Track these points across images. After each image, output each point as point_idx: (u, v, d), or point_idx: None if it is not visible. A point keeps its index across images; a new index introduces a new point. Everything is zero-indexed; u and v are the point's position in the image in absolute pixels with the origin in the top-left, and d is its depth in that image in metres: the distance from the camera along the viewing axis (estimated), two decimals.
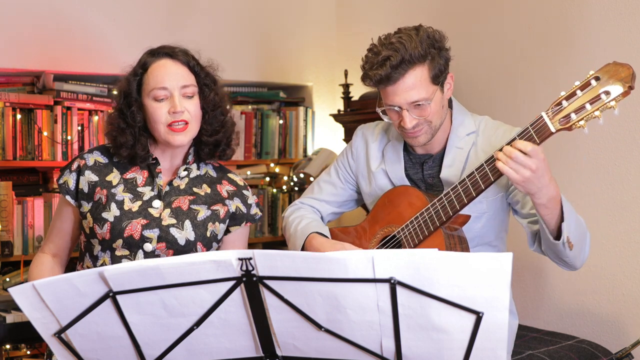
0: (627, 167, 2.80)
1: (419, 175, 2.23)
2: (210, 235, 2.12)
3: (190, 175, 2.18)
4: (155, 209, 2.09)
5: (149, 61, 2.12)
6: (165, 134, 2.07)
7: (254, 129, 3.91)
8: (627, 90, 1.78)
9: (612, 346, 2.77)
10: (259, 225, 3.95)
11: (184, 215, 2.10)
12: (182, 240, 2.07)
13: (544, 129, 1.87)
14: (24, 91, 3.29)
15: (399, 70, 2.04)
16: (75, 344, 1.52)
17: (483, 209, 2.14)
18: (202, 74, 2.14)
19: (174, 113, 2.05)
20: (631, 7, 2.78)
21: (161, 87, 2.06)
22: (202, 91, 2.13)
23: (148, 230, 2.06)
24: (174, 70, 2.10)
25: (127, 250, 2.06)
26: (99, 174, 2.13)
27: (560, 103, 1.85)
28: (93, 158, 2.15)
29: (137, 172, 2.14)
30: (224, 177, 2.23)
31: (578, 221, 2.00)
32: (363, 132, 2.38)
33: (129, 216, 2.07)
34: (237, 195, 2.20)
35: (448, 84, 2.15)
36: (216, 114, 2.16)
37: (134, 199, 2.10)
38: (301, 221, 2.32)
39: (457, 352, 1.44)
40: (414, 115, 2.08)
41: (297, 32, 4.01)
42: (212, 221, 2.13)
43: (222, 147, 2.19)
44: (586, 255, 2.06)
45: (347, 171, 2.39)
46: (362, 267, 1.37)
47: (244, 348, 1.53)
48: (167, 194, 2.12)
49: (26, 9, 3.25)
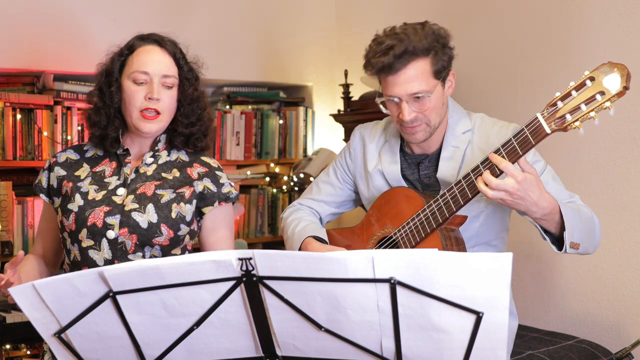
0: (627, 167, 2.80)
1: (415, 175, 2.23)
2: (177, 217, 2.07)
3: (159, 161, 2.16)
4: (119, 196, 2.08)
5: (136, 44, 2.12)
6: (137, 119, 2.07)
7: (254, 129, 3.91)
8: (622, 91, 1.78)
9: (612, 346, 2.77)
10: (259, 225, 3.95)
11: (147, 200, 2.08)
12: (144, 223, 2.04)
13: (539, 130, 1.86)
14: (24, 91, 3.28)
15: (401, 60, 2.04)
16: (75, 344, 1.52)
17: (481, 207, 2.14)
18: (185, 68, 2.14)
19: (149, 99, 2.05)
20: (631, 7, 2.78)
21: (143, 70, 2.07)
22: (182, 84, 2.13)
23: (110, 217, 2.04)
24: (159, 57, 2.10)
25: (92, 240, 2.04)
26: (68, 169, 2.15)
27: (556, 104, 1.85)
28: (65, 156, 2.18)
29: (106, 164, 2.15)
30: (196, 160, 2.19)
31: (582, 218, 2.00)
32: (361, 133, 2.37)
33: (92, 205, 2.06)
34: (207, 176, 2.16)
35: (449, 81, 2.14)
36: (193, 108, 2.15)
37: (99, 189, 2.10)
38: (299, 223, 2.31)
39: (457, 352, 1.44)
40: (414, 108, 2.07)
41: (297, 32, 4.01)
42: (177, 202, 2.09)
43: (196, 136, 2.17)
44: (598, 240, 2.08)
45: (345, 171, 2.39)
46: (362, 267, 1.37)
47: (244, 348, 1.53)
48: (133, 181, 2.11)
49: (26, 9, 3.25)
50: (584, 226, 1.99)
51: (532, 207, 1.89)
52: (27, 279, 1.95)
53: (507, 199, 1.87)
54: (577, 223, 1.96)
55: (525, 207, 1.89)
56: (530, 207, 1.88)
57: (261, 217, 3.96)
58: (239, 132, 3.85)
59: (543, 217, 1.92)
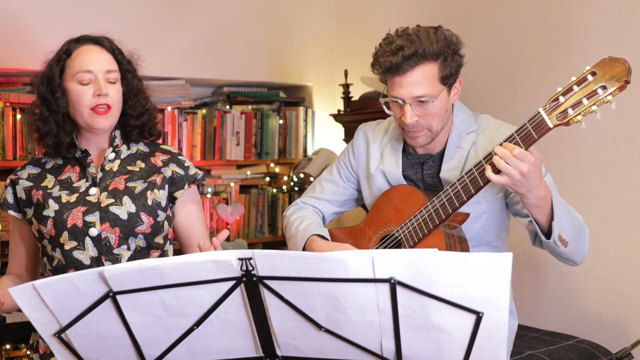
0: (627, 167, 2.80)
1: (418, 175, 2.23)
2: (153, 204, 2.12)
3: (121, 156, 2.19)
4: (92, 195, 2.11)
5: (72, 47, 2.15)
6: (89, 117, 2.09)
7: (254, 129, 3.91)
8: (623, 85, 1.79)
9: (612, 346, 2.77)
10: (259, 225, 3.95)
11: (121, 193, 2.11)
12: (123, 214, 2.08)
13: (542, 125, 1.87)
14: (24, 91, 3.28)
15: (409, 62, 2.03)
16: (75, 344, 1.52)
17: (482, 209, 2.14)
18: (124, 62, 2.18)
19: (98, 96, 2.08)
20: (631, 7, 2.78)
21: (87, 70, 2.09)
22: (125, 77, 2.17)
23: (89, 215, 2.07)
24: (99, 55, 2.13)
25: (75, 241, 2.07)
26: (34, 181, 2.16)
27: (557, 99, 1.86)
28: (26, 172, 2.18)
29: (69, 171, 2.17)
30: (157, 149, 2.25)
31: (573, 218, 2.01)
32: (364, 132, 2.37)
33: (68, 207, 2.08)
34: (172, 162, 2.21)
35: (456, 88, 2.14)
36: (139, 99, 2.19)
37: (70, 193, 2.12)
38: (302, 222, 2.32)
39: (457, 352, 1.44)
40: (417, 112, 2.07)
41: (297, 32, 4.01)
42: (151, 189, 2.14)
43: (148, 125, 2.22)
44: (586, 251, 2.07)
45: (348, 170, 2.39)
46: (362, 267, 1.37)
47: (244, 348, 1.53)
48: (102, 179, 2.14)
49: (26, 8, 3.25)
50: (573, 226, 2.00)
51: (533, 190, 1.89)
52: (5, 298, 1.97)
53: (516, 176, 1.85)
54: (567, 220, 1.97)
55: (526, 189, 1.89)
56: (531, 189, 1.89)
57: (261, 217, 3.96)
58: (239, 132, 3.85)
59: (537, 202, 1.92)
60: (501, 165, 1.86)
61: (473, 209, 2.10)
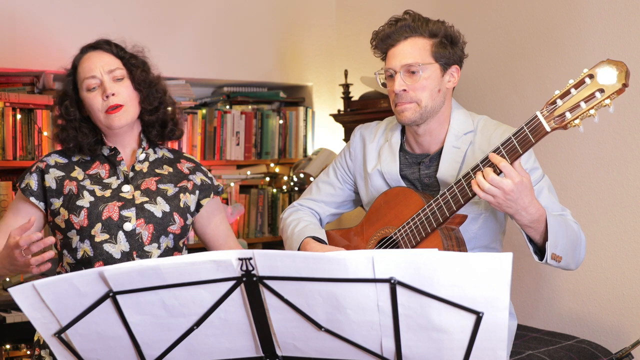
0: (627, 167, 2.80)
1: (415, 174, 2.22)
2: (184, 206, 2.19)
3: (150, 159, 2.25)
4: (126, 192, 2.16)
5: (77, 58, 2.22)
6: (105, 119, 2.14)
7: (254, 129, 3.91)
8: (621, 88, 1.77)
9: (612, 346, 2.77)
10: (259, 225, 3.95)
11: (154, 193, 2.17)
12: (158, 212, 2.14)
13: (539, 129, 1.86)
14: (24, 91, 3.29)
15: (403, 33, 2.12)
16: (75, 344, 1.52)
17: (480, 210, 2.14)
18: (126, 56, 2.21)
19: (106, 97, 2.12)
20: (631, 8, 2.78)
21: (90, 76, 2.15)
22: (131, 72, 2.19)
23: (125, 210, 2.12)
24: (99, 58, 2.17)
25: (107, 234, 2.09)
26: (63, 170, 2.18)
27: (555, 102, 1.85)
28: (53, 159, 2.21)
29: (98, 167, 2.21)
30: (181, 157, 2.32)
31: (568, 232, 2.00)
32: (361, 133, 2.37)
33: (103, 200, 2.12)
34: (198, 170, 2.29)
35: (451, 74, 2.16)
36: (152, 92, 2.22)
37: (103, 189, 2.16)
38: (298, 224, 2.32)
39: (457, 352, 1.44)
40: (406, 81, 2.11)
41: (297, 32, 4.01)
42: (183, 192, 2.21)
43: (169, 128, 2.26)
44: (581, 258, 2.08)
45: (345, 171, 2.39)
46: (362, 267, 1.37)
47: (244, 348, 1.53)
48: (133, 178, 2.19)
49: (26, 8, 3.25)
50: (568, 240, 2.00)
51: (522, 212, 1.90)
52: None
53: (500, 197, 1.87)
54: (562, 236, 1.97)
55: (514, 210, 1.90)
56: (519, 210, 1.90)
57: (261, 217, 3.96)
58: (239, 132, 3.85)
59: (530, 223, 1.93)
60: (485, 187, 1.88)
61: (471, 209, 2.11)
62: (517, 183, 1.86)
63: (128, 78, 2.17)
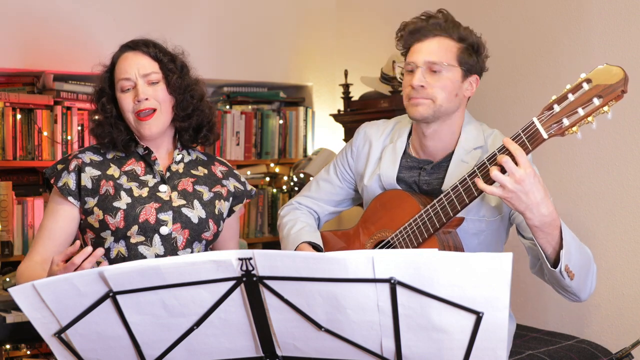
0: (627, 167, 2.79)
1: (413, 178, 2.20)
2: (218, 213, 2.20)
3: (184, 160, 2.25)
4: (163, 192, 2.15)
5: (115, 56, 2.19)
6: (135, 123, 2.14)
7: (254, 129, 3.91)
8: (619, 95, 1.72)
9: (612, 346, 2.77)
10: (259, 225, 3.95)
11: (191, 195, 2.17)
12: (195, 218, 2.14)
13: (536, 135, 1.81)
14: (24, 91, 3.29)
15: (433, 30, 2.10)
16: (75, 344, 1.52)
17: (482, 227, 2.11)
18: (165, 59, 2.17)
19: (138, 101, 2.11)
20: (631, 8, 2.77)
21: (124, 77, 2.13)
22: (167, 77, 2.16)
23: (162, 213, 2.11)
24: (135, 60, 2.15)
25: (143, 236, 2.09)
26: (99, 168, 2.16)
27: (552, 107, 1.79)
28: (88, 157, 2.18)
29: (133, 164, 2.19)
30: (215, 160, 2.32)
31: (582, 251, 1.92)
32: (366, 132, 2.34)
33: (140, 202, 2.11)
34: (230, 175, 2.30)
35: (470, 82, 2.14)
36: (186, 98, 2.18)
37: (140, 186, 2.15)
38: (295, 225, 2.31)
39: (457, 352, 1.44)
40: (426, 78, 2.08)
41: (297, 32, 4.01)
42: (218, 199, 2.21)
43: (204, 133, 2.23)
44: (592, 287, 1.97)
45: (345, 170, 2.37)
46: (362, 267, 1.37)
47: (244, 348, 1.53)
48: (170, 178, 2.19)
49: (26, 8, 3.25)
50: (582, 258, 1.91)
51: (533, 208, 1.80)
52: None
53: (512, 188, 1.77)
54: (575, 250, 1.88)
55: (525, 206, 1.79)
56: (531, 206, 1.79)
57: (261, 217, 3.96)
58: (239, 132, 3.85)
59: (541, 225, 1.83)
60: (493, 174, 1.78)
61: (472, 226, 2.08)
62: (530, 173, 1.77)
63: (163, 82, 2.14)
